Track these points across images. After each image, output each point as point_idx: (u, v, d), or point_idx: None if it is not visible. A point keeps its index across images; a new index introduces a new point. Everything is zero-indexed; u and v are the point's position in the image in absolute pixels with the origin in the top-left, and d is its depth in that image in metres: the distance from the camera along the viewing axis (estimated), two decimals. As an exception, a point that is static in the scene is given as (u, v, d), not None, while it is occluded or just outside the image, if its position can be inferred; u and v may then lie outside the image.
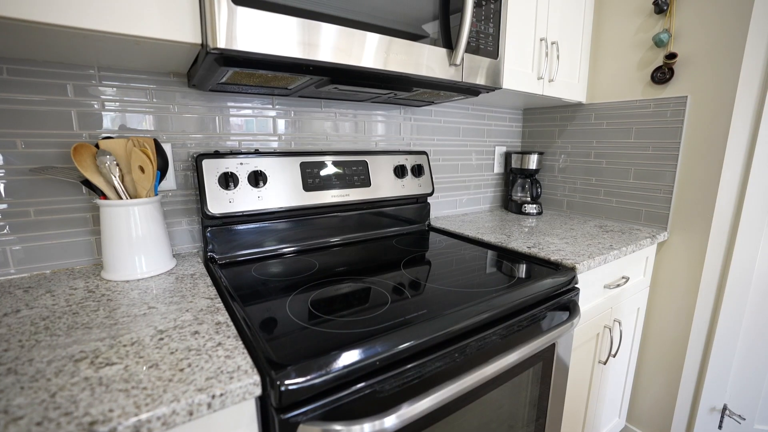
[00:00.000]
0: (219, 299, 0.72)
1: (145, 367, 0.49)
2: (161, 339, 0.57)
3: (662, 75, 1.28)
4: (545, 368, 0.91)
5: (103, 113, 0.88)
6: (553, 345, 0.91)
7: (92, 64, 0.84)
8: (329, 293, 0.78)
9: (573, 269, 0.94)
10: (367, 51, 0.78)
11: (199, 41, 0.68)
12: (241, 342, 0.56)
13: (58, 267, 0.88)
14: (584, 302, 1.07)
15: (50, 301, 0.70)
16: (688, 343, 1.32)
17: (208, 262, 0.96)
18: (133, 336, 0.57)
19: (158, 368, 0.49)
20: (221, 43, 0.63)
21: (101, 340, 0.56)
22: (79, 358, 0.51)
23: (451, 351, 0.66)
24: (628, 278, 1.22)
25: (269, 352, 0.54)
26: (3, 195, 0.81)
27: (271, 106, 1.09)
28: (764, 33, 1.10)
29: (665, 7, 1.24)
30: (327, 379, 0.52)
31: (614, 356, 1.23)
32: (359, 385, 0.55)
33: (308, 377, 0.50)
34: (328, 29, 0.73)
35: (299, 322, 0.65)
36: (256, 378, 0.48)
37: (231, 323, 0.62)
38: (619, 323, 1.22)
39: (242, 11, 0.64)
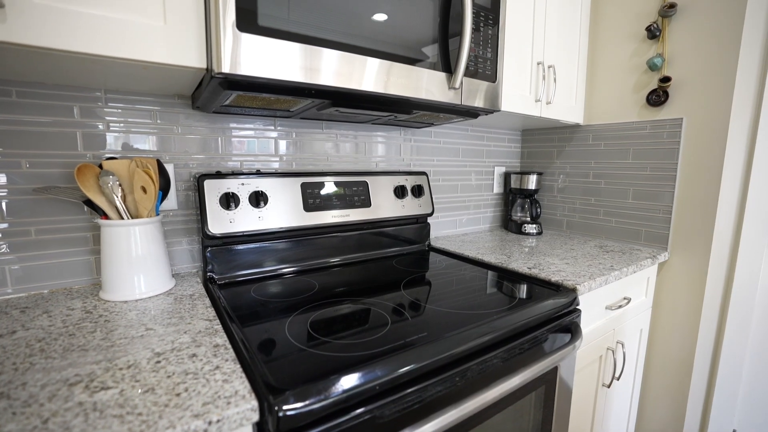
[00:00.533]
0: (218, 321, 0.71)
1: (140, 392, 0.48)
2: (158, 362, 0.56)
3: (657, 97, 1.30)
4: (548, 392, 0.89)
5: (107, 134, 0.89)
6: (556, 368, 0.90)
7: (99, 86, 0.86)
8: (329, 314, 0.77)
9: (574, 290, 0.94)
10: (368, 75, 0.80)
11: (204, 66, 0.69)
12: (239, 365, 0.55)
13: (56, 287, 0.87)
14: (586, 324, 1.06)
15: (47, 322, 0.70)
16: (693, 365, 1.29)
17: (208, 283, 0.95)
18: (130, 359, 0.57)
19: (154, 393, 0.48)
20: (226, 68, 0.65)
21: (97, 363, 0.55)
22: (73, 382, 0.50)
23: (452, 375, 0.65)
24: (630, 299, 1.21)
25: (267, 375, 0.53)
26: (5, 214, 0.81)
27: (273, 128, 1.11)
28: (755, 56, 1.13)
29: (658, 33, 1.28)
30: (326, 404, 0.51)
31: (618, 379, 1.21)
32: (359, 411, 0.54)
33: (307, 402, 0.49)
34: (330, 54, 0.75)
35: (298, 345, 0.64)
36: (254, 403, 0.47)
37: (229, 345, 0.61)
38: (622, 345, 1.20)
39: (246, 38, 0.66)
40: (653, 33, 1.28)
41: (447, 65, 0.92)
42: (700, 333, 1.28)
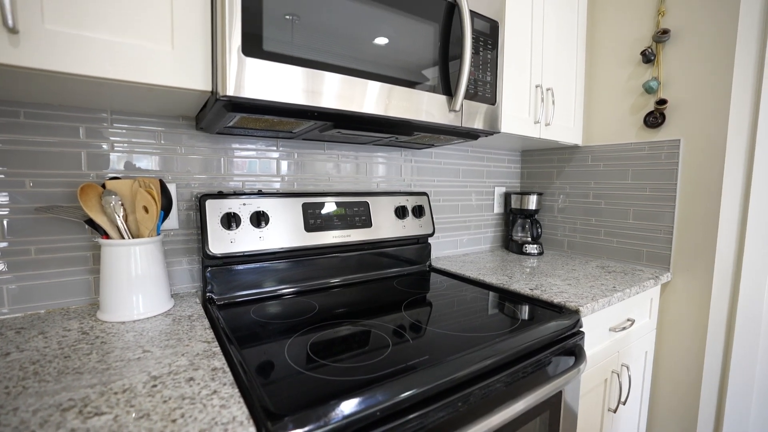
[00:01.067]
0: (216, 343, 0.70)
1: (135, 417, 0.47)
2: (154, 386, 0.55)
3: (654, 119, 1.32)
4: (552, 417, 0.87)
5: (111, 154, 0.90)
6: (560, 392, 0.88)
7: (106, 108, 0.87)
8: (329, 336, 0.76)
9: (577, 312, 0.92)
10: (369, 98, 0.82)
11: (210, 89, 0.71)
12: (237, 390, 0.54)
13: (53, 306, 0.86)
14: (590, 346, 1.04)
15: (42, 344, 0.68)
16: (701, 388, 1.26)
17: (207, 303, 0.94)
18: (126, 382, 0.55)
19: (149, 419, 0.47)
20: (230, 91, 0.66)
21: (92, 386, 0.54)
22: (66, 407, 0.49)
23: (454, 400, 0.63)
24: (634, 320, 1.19)
25: (266, 401, 0.52)
26: (6, 233, 0.81)
27: (275, 148, 1.12)
28: (748, 78, 1.15)
29: (652, 57, 1.31)
30: (325, 431, 0.49)
31: (624, 404, 1.18)
32: (359, 438, 0.52)
33: (305, 429, 0.48)
34: (332, 78, 0.76)
35: (297, 368, 0.63)
36: (252, 430, 0.46)
37: (227, 369, 0.60)
38: (627, 368, 1.18)
39: (251, 62, 0.67)
40: (648, 57, 1.31)
41: (447, 88, 0.94)
42: (706, 355, 1.25)
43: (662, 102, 1.28)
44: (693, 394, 1.29)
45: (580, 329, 0.92)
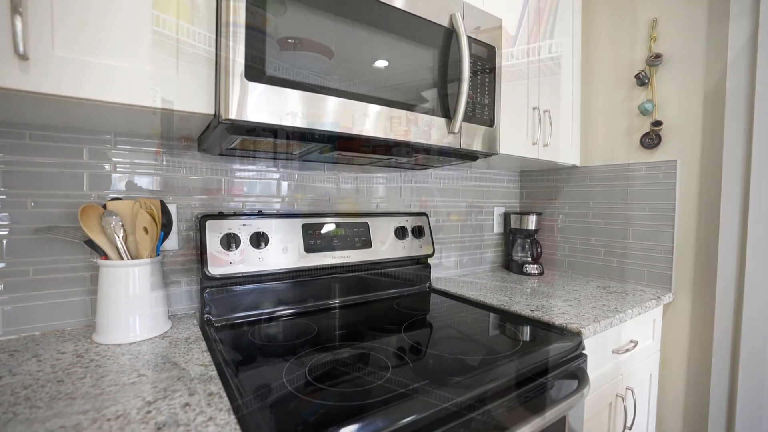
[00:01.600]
0: (213, 366, 0.69)
1: (128, 445, 0.46)
2: (149, 412, 0.53)
3: (650, 140, 1.34)
4: (557, 444, 0.84)
5: (113, 175, 0.91)
6: (564, 417, 0.85)
7: (110, 130, 0.89)
8: (328, 359, 0.75)
9: (579, 334, 0.91)
10: (369, 121, 0.83)
11: (212, 112, 0.72)
12: (233, 416, 0.53)
13: (48, 328, 0.85)
14: (593, 369, 1.02)
15: (35, 367, 0.67)
16: (709, 412, 1.23)
17: (204, 325, 0.93)
18: (119, 408, 0.54)
19: (143, 447, 0.46)
20: (233, 114, 0.67)
21: (84, 413, 0.53)
22: (59, 434, 0.48)
23: (455, 426, 0.62)
24: (637, 342, 1.18)
25: (263, 428, 0.51)
26: (4, 254, 0.81)
27: (275, 169, 1.13)
28: (740, 99, 1.17)
29: (646, 81, 1.34)
30: (323, 459, 0.48)
31: (630, 429, 1.15)
32: (358, 467, 0.51)
33: (303, 458, 0.47)
34: (332, 102, 0.78)
35: (296, 393, 0.61)
36: (247, 459, 0.45)
37: (224, 394, 0.59)
38: (632, 392, 1.15)
39: (254, 86, 0.69)
40: (642, 80, 1.34)
41: (446, 111, 0.95)
42: (712, 377, 1.23)
43: (657, 123, 1.31)
44: (701, 419, 1.25)
45: (583, 351, 0.91)
